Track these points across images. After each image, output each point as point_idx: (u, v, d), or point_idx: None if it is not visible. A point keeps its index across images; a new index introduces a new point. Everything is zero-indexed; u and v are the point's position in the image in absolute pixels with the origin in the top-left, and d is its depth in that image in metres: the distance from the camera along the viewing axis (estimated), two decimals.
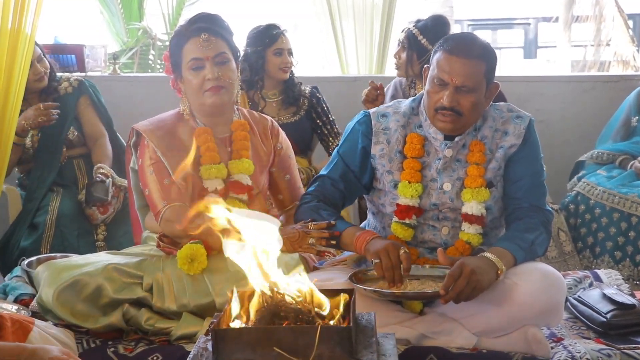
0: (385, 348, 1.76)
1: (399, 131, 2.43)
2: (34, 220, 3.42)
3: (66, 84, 3.63)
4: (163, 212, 2.47)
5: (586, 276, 2.88)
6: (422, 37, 3.50)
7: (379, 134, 2.44)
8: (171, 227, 2.46)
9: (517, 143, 2.40)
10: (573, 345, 2.26)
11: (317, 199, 2.47)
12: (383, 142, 2.44)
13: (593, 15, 7.81)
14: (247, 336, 1.59)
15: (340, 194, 2.50)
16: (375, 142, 2.44)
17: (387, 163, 2.43)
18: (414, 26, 3.56)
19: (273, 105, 3.71)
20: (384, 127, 2.45)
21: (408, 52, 3.55)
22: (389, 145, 2.43)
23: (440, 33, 3.45)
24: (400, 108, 2.47)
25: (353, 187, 2.51)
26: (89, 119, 3.67)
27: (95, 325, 2.35)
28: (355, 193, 2.57)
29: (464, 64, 2.27)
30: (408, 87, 3.73)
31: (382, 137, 2.44)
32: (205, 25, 2.49)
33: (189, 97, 2.54)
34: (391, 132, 2.44)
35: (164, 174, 2.49)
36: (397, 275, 2.16)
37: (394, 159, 2.43)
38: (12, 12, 3.09)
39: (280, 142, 2.69)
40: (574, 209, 3.73)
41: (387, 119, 2.46)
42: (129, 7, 6.09)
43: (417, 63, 3.52)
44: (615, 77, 4.85)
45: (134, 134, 2.60)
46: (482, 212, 2.37)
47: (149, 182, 2.52)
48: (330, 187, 2.49)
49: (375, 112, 2.48)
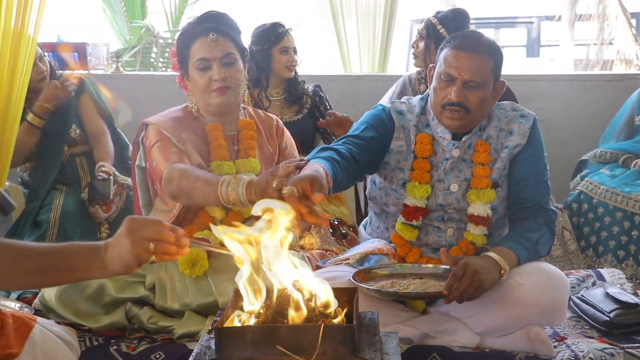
0: (388, 347, 1.75)
1: (412, 131, 2.42)
2: (38, 218, 3.42)
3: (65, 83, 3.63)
4: (165, 172, 2.42)
5: (589, 275, 2.87)
6: (441, 27, 3.50)
7: (400, 130, 2.43)
8: (171, 186, 2.40)
9: (522, 143, 2.39)
10: (576, 344, 2.26)
11: (332, 149, 2.24)
12: (402, 139, 2.42)
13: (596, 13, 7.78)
14: (250, 334, 1.59)
15: (357, 148, 2.30)
16: (396, 138, 2.42)
17: (403, 161, 2.42)
18: (433, 17, 3.56)
19: (276, 104, 3.71)
20: (402, 124, 2.43)
21: (426, 41, 3.55)
22: (406, 143, 2.42)
23: (459, 25, 3.45)
24: (412, 107, 2.46)
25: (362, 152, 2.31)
26: (90, 116, 3.68)
27: (97, 324, 2.36)
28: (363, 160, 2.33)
29: (472, 58, 2.27)
30: (418, 82, 3.72)
31: (402, 134, 2.42)
32: (213, 25, 2.49)
33: (196, 96, 2.55)
34: (407, 131, 2.43)
35: (171, 145, 2.47)
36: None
37: (408, 158, 2.42)
38: (16, 10, 3.10)
39: (285, 142, 2.70)
40: (576, 208, 3.72)
41: (403, 117, 2.44)
42: (131, 5, 6.09)
43: (434, 52, 3.49)
44: (618, 76, 4.84)
45: (143, 127, 2.59)
46: (487, 212, 2.37)
47: (154, 154, 2.48)
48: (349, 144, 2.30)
49: (392, 108, 2.46)
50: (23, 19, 3.12)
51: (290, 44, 3.66)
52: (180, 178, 2.36)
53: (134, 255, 1.57)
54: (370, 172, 2.48)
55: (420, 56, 3.62)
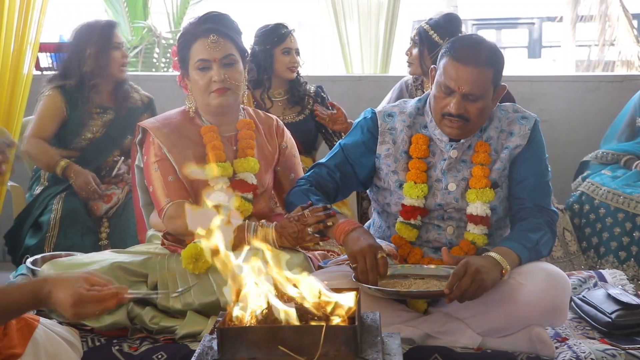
0: (390, 347, 1.76)
1: (405, 131, 2.43)
2: (39, 220, 3.43)
3: (137, 96, 3.67)
4: (166, 209, 2.47)
5: (591, 276, 2.87)
6: (434, 32, 3.50)
7: (385, 133, 2.44)
8: (174, 224, 2.46)
9: (522, 144, 2.39)
10: (578, 345, 2.26)
11: (310, 184, 2.46)
12: (389, 142, 2.44)
13: (598, 14, 7.78)
14: (253, 335, 1.60)
15: (334, 184, 2.49)
16: (381, 142, 2.44)
17: (393, 163, 2.43)
18: (425, 23, 3.57)
19: (278, 105, 3.71)
20: (390, 127, 2.44)
21: (420, 48, 3.55)
22: (394, 145, 2.43)
23: (451, 29, 3.46)
24: (406, 108, 2.47)
25: (348, 180, 2.50)
26: None
27: (99, 323, 2.36)
28: (350, 186, 2.55)
29: (470, 72, 2.26)
30: (415, 88, 3.72)
31: (388, 137, 2.44)
32: (214, 26, 2.49)
33: (195, 96, 2.55)
34: (397, 133, 2.44)
35: (169, 171, 2.49)
36: (372, 279, 2.14)
37: (399, 159, 2.43)
38: (18, 10, 3.11)
39: (285, 142, 2.70)
40: (578, 209, 3.73)
41: (393, 119, 2.46)
42: (133, 5, 6.09)
43: (428, 58, 3.52)
44: (620, 77, 4.84)
45: (140, 131, 2.61)
46: (486, 212, 2.37)
47: (153, 179, 2.52)
48: (326, 175, 2.48)
49: (381, 112, 2.48)
50: (25, 19, 3.13)
51: (293, 45, 3.67)
52: (182, 218, 2.37)
53: (72, 317, 1.75)
54: (363, 185, 2.53)
55: (414, 63, 3.62)
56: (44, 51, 4.37)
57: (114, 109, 3.59)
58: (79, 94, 3.52)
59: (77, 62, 3.50)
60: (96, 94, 3.54)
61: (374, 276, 2.14)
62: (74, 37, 3.56)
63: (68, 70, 3.57)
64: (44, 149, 3.50)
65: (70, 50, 3.58)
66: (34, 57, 3.33)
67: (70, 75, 3.54)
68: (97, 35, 3.50)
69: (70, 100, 3.52)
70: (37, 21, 3.22)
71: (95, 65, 3.48)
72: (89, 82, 3.50)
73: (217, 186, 2.49)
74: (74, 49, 3.54)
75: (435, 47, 3.47)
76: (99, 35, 3.50)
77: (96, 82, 3.51)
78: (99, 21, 3.67)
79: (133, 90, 3.69)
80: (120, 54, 3.55)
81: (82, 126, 3.54)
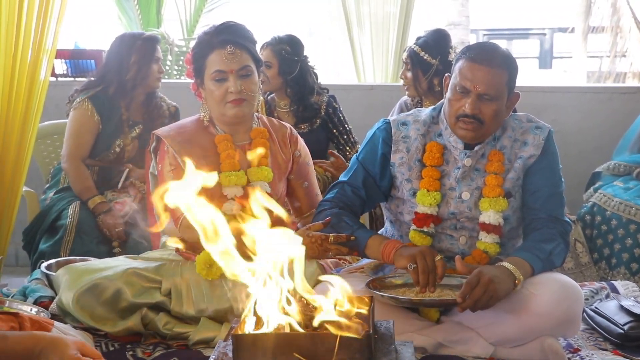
0: (403, 356, 1.76)
1: (419, 140, 2.44)
2: (58, 223, 3.43)
3: (165, 105, 3.67)
4: (182, 219, 2.48)
5: (603, 287, 2.87)
6: (424, 53, 3.50)
7: (399, 142, 2.46)
8: (191, 234, 2.47)
9: (536, 154, 2.40)
10: (590, 356, 2.26)
11: (338, 206, 2.47)
12: (403, 151, 2.45)
13: (609, 26, 7.79)
14: (267, 342, 1.60)
15: (360, 201, 2.50)
16: (395, 151, 2.46)
17: (407, 171, 2.44)
18: (414, 44, 3.57)
19: (289, 115, 3.70)
20: (403, 135, 2.46)
21: (413, 71, 3.55)
22: (408, 153, 2.44)
23: (441, 46, 3.49)
24: (420, 117, 2.48)
25: (373, 194, 2.52)
26: None
27: (113, 328, 2.37)
28: (375, 200, 2.57)
29: (486, 72, 2.28)
30: (414, 106, 3.72)
31: (401, 145, 2.45)
32: (231, 37, 2.50)
33: (210, 106, 2.56)
34: (411, 141, 2.45)
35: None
36: (431, 279, 2.18)
37: (413, 168, 2.44)
38: (35, 19, 3.14)
39: (299, 150, 2.71)
40: (590, 220, 3.72)
41: (407, 127, 2.47)
42: (146, 12, 6.13)
43: (423, 79, 3.52)
44: (633, 89, 4.85)
45: (154, 139, 2.63)
46: (499, 221, 2.38)
47: None
48: (351, 194, 2.49)
49: (395, 120, 2.49)
50: (43, 27, 3.16)
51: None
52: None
53: None
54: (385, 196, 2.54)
55: (411, 85, 3.62)
56: (59, 58, 4.40)
57: (142, 122, 3.57)
58: (114, 102, 3.49)
59: (118, 68, 3.46)
60: (132, 103, 3.52)
61: (433, 277, 2.18)
62: (117, 44, 3.53)
63: (106, 77, 3.52)
64: (83, 176, 3.46)
65: (110, 58, 3.55)
66: (50, 64, 3.33)
67: (108, 83, 3.51)
68: (140, 45, 3.48)
69: (103, 110, 3.48)
70: (54, 29, 3.24)
71: (137, 73, 3.46)
72: (128, 89, 3.47)
73: (230, 195, 2.50)
74: (115, 56, 3.50)
75: (429, 67, 3.48)
76: (142, 45, 3.48)
77: (136, 91, 3.49)
78: (143, 32, 3.69)
79: (161, 100, 3.69)
80: (158, 68, 3.54)
81: (114, 137, 3.51)
